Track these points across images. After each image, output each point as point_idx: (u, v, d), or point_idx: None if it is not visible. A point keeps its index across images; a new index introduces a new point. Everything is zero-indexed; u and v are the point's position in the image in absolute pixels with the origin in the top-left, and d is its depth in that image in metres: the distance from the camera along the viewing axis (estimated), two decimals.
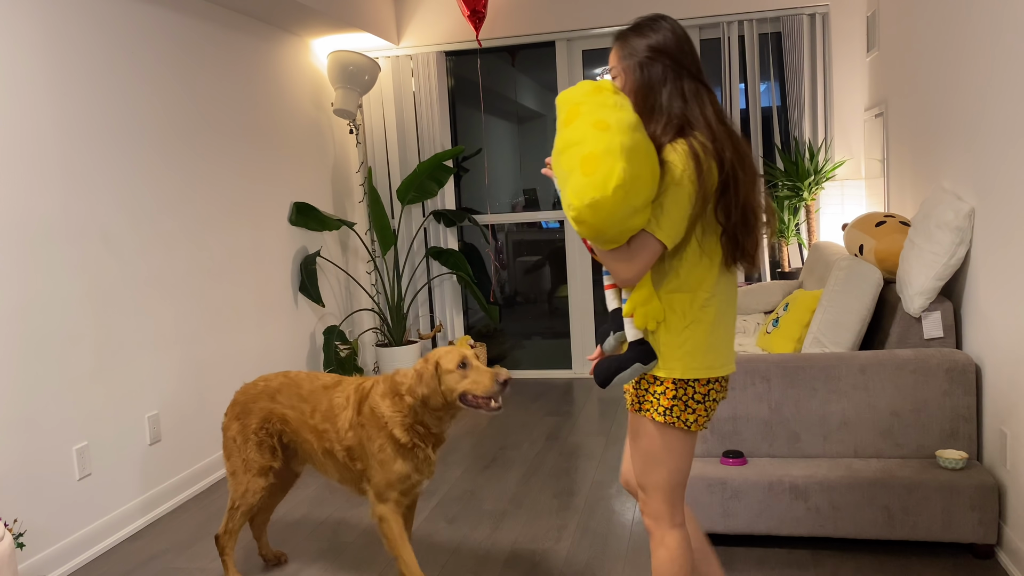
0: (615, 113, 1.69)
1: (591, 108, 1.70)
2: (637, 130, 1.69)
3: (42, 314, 2.99)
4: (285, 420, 2.62)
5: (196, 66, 3.97)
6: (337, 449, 2.52)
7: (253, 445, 2.64)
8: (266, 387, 2.68)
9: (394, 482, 2.44)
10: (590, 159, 1.63)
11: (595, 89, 1.76)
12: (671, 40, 1.83)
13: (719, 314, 1.85)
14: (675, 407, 1.85)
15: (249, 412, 2.66)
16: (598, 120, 1.67)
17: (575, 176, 1.65)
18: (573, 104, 1.74)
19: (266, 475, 2.66)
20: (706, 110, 1.81)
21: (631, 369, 1.84)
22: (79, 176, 3.20)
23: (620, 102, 1.73)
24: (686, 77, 1.83)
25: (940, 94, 3.24)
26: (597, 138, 1.64)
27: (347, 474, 2.56)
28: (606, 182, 1.60)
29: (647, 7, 5.15)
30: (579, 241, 5.60)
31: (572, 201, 1.65)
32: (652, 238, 1.74)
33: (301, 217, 4.87)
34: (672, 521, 1.93)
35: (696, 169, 1.72)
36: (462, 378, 2.34)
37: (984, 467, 2.75)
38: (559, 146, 1.73)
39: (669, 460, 1.89)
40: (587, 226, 1.66)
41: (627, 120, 1.68)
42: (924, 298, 2.86)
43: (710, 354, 1.84)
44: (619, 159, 1.61)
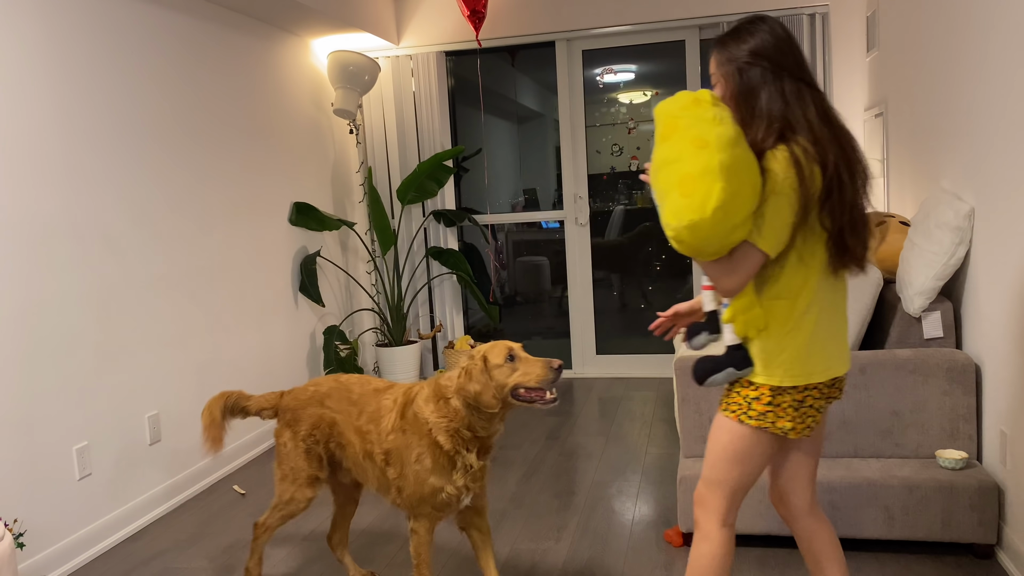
0: (714, 128, 1.66)
1: (689, 123, 1.68)
2: (737, 145, 1.66)
3: (43, 314, 2.99)
4: (333, 423, 2.52)
5: (196, 66, 3.97)
6: (376, 452, 2.40)
7: (302, 453, 2.54)
8: (316, 392, 2.58)
9: (426, 496, 2.30)
10: (688, 180, 1.62)
11: (694, 102, 1.72)
12: (769, 42, 1.78)
13: (819, 321, 1.82)
14: (769, 413, 1.83)
15: (299, 419, 2.56)
16: (696, 136, 1.65)
17: (673, 196, 1.65)
18: (671, 117, 1.72)
19: (313, 486, 2.55)
20: (808, 112, 1.76)
21: (724, 373, 1.84)
22: (80, 176, 3.20)
23: (719, 115, 1.69)
24: (787, 78, 1.77)
25: (940, 94, 3.24)
26: (695, 157, 1.63)
27: (383, 481, 2.43)
28: (704, 204, 1.60)
29: (647, 7, 5.15)
30: (578, 240, 5.60)
31: (670, 221, 1.66)
32: (755, 248, 1.72)
33: (301, 217, 4.87)
34: (725, 520, 1.92)
35: (798, 176, 1.69)
36: (512, 371, 2.22)
37: (984, 467, 2.75)
38: (657, 162, 1.72)
39: (747, 462, 1.89)
40: (686, 245, 1.67)
41: (726, 135, 1.65)
42: (924, 298, 2.86)
43: (809, 361, 1.82)
44: (717, 179, 1.60)
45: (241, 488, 3.83)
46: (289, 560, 3.03)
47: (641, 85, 5.52)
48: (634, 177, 5.60)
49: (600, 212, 5.66)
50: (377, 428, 2.40)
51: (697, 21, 5.12)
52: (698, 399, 2.94)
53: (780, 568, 2.71)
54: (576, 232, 5.61)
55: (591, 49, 5.48)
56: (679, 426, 3.00)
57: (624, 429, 4.38)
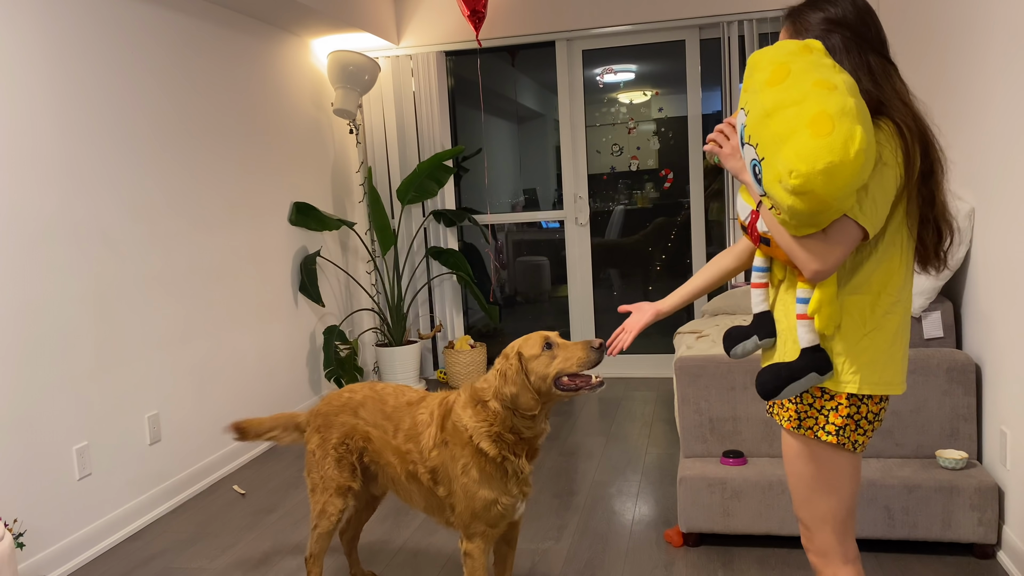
0: (838, 75, 1.46)
1: (805, 67, 1.46)
2: (862, 100, 1.46)
3: (42, 314, 2.99)
4: (368, 438, 2.39)
5: (196, 66, 3.97)
6: (421, 472, 2.25)
7: (332, 461, 2.42)
8: (350, 399, 2.45)
9: (479, 512, 2.16)
10: (822, 118, 1.38)
11: (804, 48, 1.51)
12: (851, 11, 1.60)
13: (902, 323, 1.64)
14: (847, 426, 1.63)
15: (330, 425, 2.44)
16: (820, 79, 1.43)
17: (801, 137, 1.39)
18: (779, 64, 1.49)
19: (344, 495, 2.43)
20: (900, 88, 1.60)
21: (806, 379, 1.60)
22: (79, 176, 3.20)
23: (836, 65, 1.50)
24: (871, 52, 1.60)
25: (940, 94, 3.24)
26: (826, 97, 1.40)
27: (433, 501, 2.29)
28: (847, 144, 1.36)
29: (647, 7, 5.15)
30: (579, 240, 5.60)
31: (798, 167, 1.38)
32: (853, 224, 1.50)
33: (301, 217, 4.87)
34: (845, 556, 1.70)
35: (904, 150, 1.53)
36: (551, 359, 2.06)
37: (984, 467, 2.75)
38: (766, 106, 1.46)
39: (840, 486, 1.67)
40: (813, 197, 1.40)
41: (852, 82, 1.46)
42: (924, 298, 2.86)
43: (889, 368, 1.62)
44: (857, 121, 1.38)
45: (241, 488, 3.83)
46: (295, 554, 3.03)
47: (641, 85, 5.52)
48: (634, 177, 5.59)
49: (600, 212, 5.66)
50: (418, 447, 2.26)
51: (697, 21, 5.12)
52: (698, 399, 2.94)
53: (780, 568, 2.70)
54: (576, 232, 5.61)
55: (591, 49, 5.48)
56: (679, 426, 3.00)
57: (624, 429, 4.38)
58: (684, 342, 4.04)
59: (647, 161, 5.54)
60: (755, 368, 2.88)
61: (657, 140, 5.51)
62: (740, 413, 2.91)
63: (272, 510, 3.54)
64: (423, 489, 2.29)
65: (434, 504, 2.30)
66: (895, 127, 1.54)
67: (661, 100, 5.48)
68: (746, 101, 1.55)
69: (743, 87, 1.59)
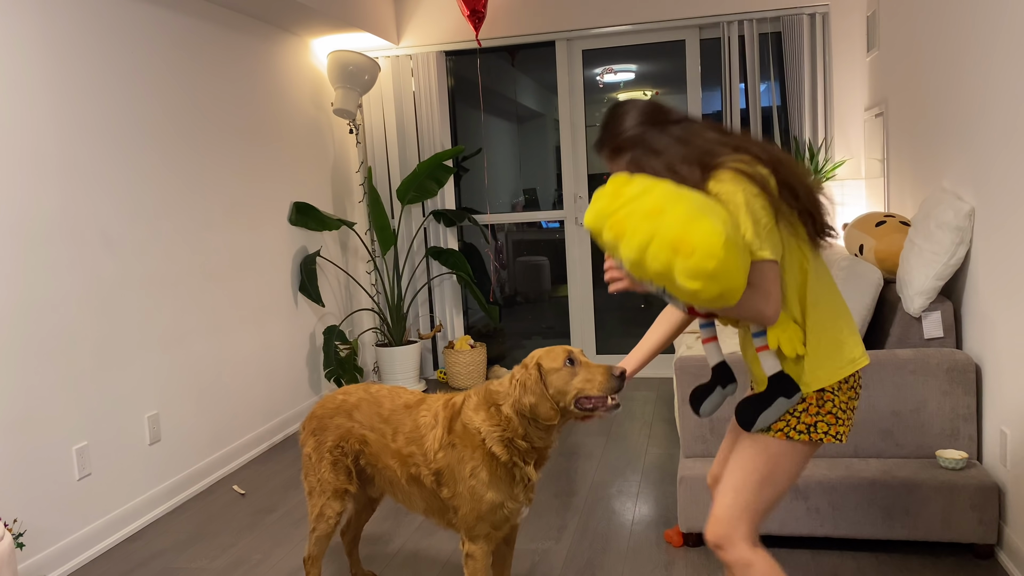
0: (652, 192, 1.62)
1: (629, 210, 1.62)
2: (682, 187, 1.63)
3: (42, 314, 2.99)
4: (364, 442, 2.36)
5: (196, 66, 3.97)
6: (425, 474, 2.23)
7: (328, 464, 2.40)
8: (344, 402, 2.43)
9: (485, 514, 2.14)
10: (680, 242, 1.54)
11: (614, 193, 1.67)
12: (634, 113, 1.81)
13: (832, 303, 1.78)
14: (819, 423, 1.75)
15: (325, 428, 2.43)
16: (648, 211, 1.59)
17: (678, 262, 1.55)
18: (608, 218, 1.65)
19: (341, 498, 2.42)
20: (708, 135, 1.78)
21: (776, 405, 1.73)
22: (79, 176, 3.20)
23: (643, 183, 1.65)
24: (670, 124, 1.80)
25: (940, 94, 3.24)
26: (665, 224, 1.56)
27: (434, 503, 2.27)
28: (712, 248, 1.52)
29: (647, 7, 5.15)
30: (578, 240, 5.60)
31: (690, 286, 1.56)
32: (763, 262, 1.66)
33: (301, 217, 4.87)
34: (754, 541, 1.82)
35: (752, 181, 1.67)
36: (572, 376, 2.03)
37: (984, 467, 2.75)
38: (632, 256, 1.61)
39: (784, 481, 1.80)
40: (719, 295, 1.57)
41: (666, 188, 1.62)
42: (924, 298, 2.86)
43: (843, 349, 1.75)
44: (700, 219, 1.54)
45: (241, 488, 3.83)
46: (295, 554, 3.03)
47: (641, 85, 5.51)
48: None
49: None
50: (421, 449, 2.23)
51: (697, 21, 5.12)
52: None
53: None
54: (576, 232, 5.61)
55: (591, 49, 5.47)
56: (679, 426, 3.00)
57: (624, 429, 4.37)
58: (684, 342, 4.04)
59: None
60: None
61: None
62: None
63: (272, 510, 3.54)
64: (425, 492, 2.26)
65: (435, 506, 2.28)
66: (731, 171, 1.68)
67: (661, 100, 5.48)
68: (612, 254, 1.70)
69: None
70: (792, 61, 5.00)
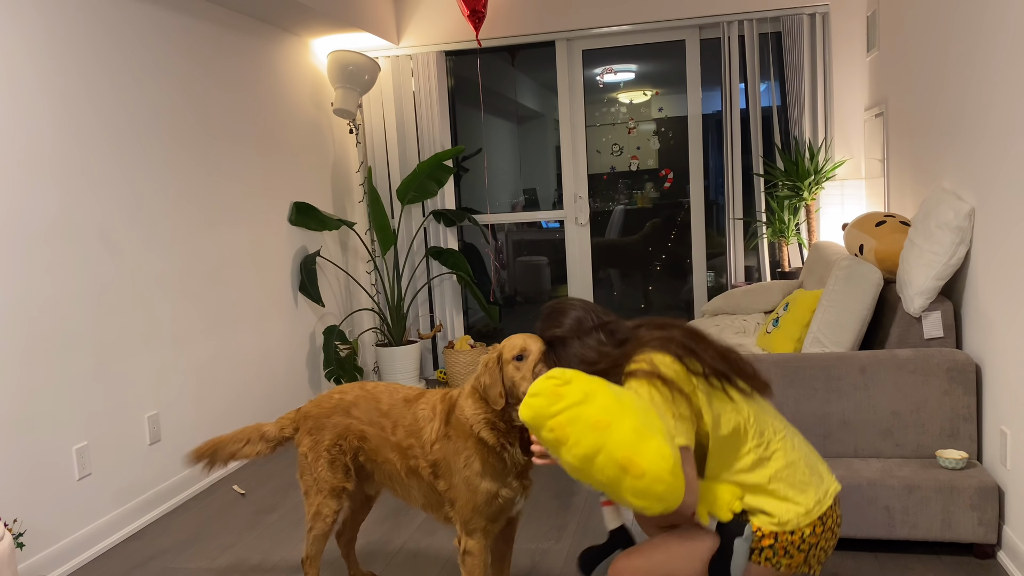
0: (594, 404, 1.67)
1: (571, 415, 1.67)
2: (621, 394, 1.71)
3: (42, 314, 2.99)
4: (363, 437, 2.36)
5: (196, 66, 3.97)
6: (423, 466, 2.24)
7: (325, 463, 2.40)
8: (341, 400, 2.43)
9: (480, 505, 2.14)
10: (629, 462, 1.60)
11: (554, 393, 1.72)
12: (568, 318, 1.95)
13: (785, 448, 1.86)
14: (768, 548, 1.85)
15: (322, 427, 2.41)
16: (593, 423, 1.65)
17: (627, 481, 1.62)
18: (548, 419, 1.70)
19: (338, 496, 2.42)
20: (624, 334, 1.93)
21: (736, 551, 1.81)
22: (79, 176, 3.20)
23: (583, 387, 1.72)
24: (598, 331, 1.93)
25: (940, 94, 3.24)
26: (612, 439, 1.62)
27: (432, 497, 2.28)
28: (660, 472, 1.59)
29: (647, 7, 5.15)
30: (578, 240, 5.60)
31: (636, 503, 1.63)
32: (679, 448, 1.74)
33: (301, 217, 4.87)
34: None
35: (658, 378, 1.77)
36: (516, 371, 2.05)
37: (984, 467, 2.75)
38: (576, 464, 1.67)
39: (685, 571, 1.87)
40: (663, 511, 1.64)
41: (608, 398, 1.68)
42: (924, 298, 2.86)
43: (808, 488, 1.85)
44: (648, 440, 1.61)
45: (241, 488, 3.83)
46: (294, 554, 3.03)
47: (641, 85, 5.52)
48: (634, 177, 5.60)
49: (600, 212, 5.66)
50: (419, 441, 2.25)
51: (697, 21, 5.12)
52: None
53: None
54: (576, 232, 5.61)
55: (591, 49, 5.48)
56: None
57: None
58: None
59: (647, 161, 5.54)
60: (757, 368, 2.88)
61: (657, 140, 5.51)
62: None
63: (272, 510, 3.54)
64: (423, 484, 2.27)
65: (433, 500, 2.29)
66: (638, 375, 1.79)
67: (661, 100, 5.48)
68: (551, 452, 1.73)
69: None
70: (792, 61, 5.00)
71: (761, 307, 4.47)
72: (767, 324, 3.65)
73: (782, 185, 4.96)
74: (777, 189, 5.01)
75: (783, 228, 4.98)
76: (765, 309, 4.47)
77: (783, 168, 5.00)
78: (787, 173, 4.91)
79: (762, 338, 3.59)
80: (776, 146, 5.10)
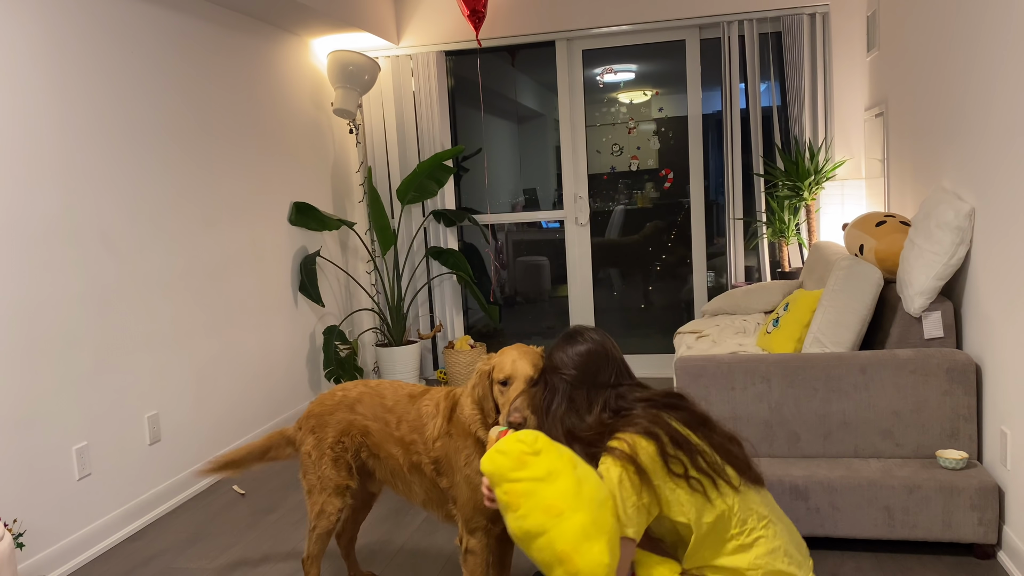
0: (553, 486, 1.68)
1: (527, 488, 1.69)
2: (587, 480, 1.69)
3: (42, 314, 2.99)
4: (366, 432, 2.37)
5: (195, 66, 3.97)
6: (425, 462, 2.25)
7: (328, 461, 2.40)
8: (344, 397, 2.44)
9: (481, 504, 2.13)
10: (567, 558, 1.63)
11: (519, 459, 1.72)
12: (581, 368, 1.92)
13: (767, 535, 1.85)
14: None
15: (325, 424, 2.42)
16: (547, 506, 1.66)
17: (559, 571, 1.65)
18: (505, 481, 1.71)
19: (342, 495, 2.42)
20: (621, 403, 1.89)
21: None
22: (78, 176, 3.20)
23: (548, 464, 1.70)
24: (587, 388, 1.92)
25: (940, 94, 3.24)
26: (559, 529, 1.64)
27: (434, 493, 2.29)
28: (595, 572, 1.62)
29: (647, 7, 5.15)
30: (578, 240, 5.60)
31: None
32: (624, 539, 1.74)
33: (301, 217, 4.87)
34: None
35: (632, 463, 1.75)
36: (500, 394, 2.07)
37: (984, 467, 2.75)
38: (518, 535, 1.70)
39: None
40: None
41: (568, 484, 1.68)
42: (924, 298, 2.86)
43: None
44: (592, 542, 1.63)
45: (241, 488, 3.83)
46: (294, 554, 3.03)
47: (641, 85, 5.51)
48: (634, 177, 5.59)
49: (600, 212, 5.66)
50: (422, 437, 2.25)
51: (697, 21, 5.12)
52: (698, 399, 2.94)
53: None
54: (576, 232, 5.61)
55: (591, 49, 5.47)
56: None
57: None
58: (684, 342, 4.04)
59: (647, 161, 5.54)
60: (756, 368, 2.89)
61: (657, 140, 5.51)
62: (740, 413, 2.91)
63: (272, 510, 3.54)
64: (425, 480, 2.28)
65: (435, 496, 2.29)
66: (615, 457, 1.76)
67: (661, 100, 5.48)
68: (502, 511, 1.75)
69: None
70: (792, 61, 5.00)
71: (761, 307, 4.47)
72: (767, 324, 3.65)
73: (782, 185, 4.96)
74: (777, 189, 5.01)
75: (783, 228, 4.98)
76: (765, 309, 4.47)
77: (783, 168, 5.00)
78: (787, 173, 4.91)
79: (762, 338, 3.59)
80: (776, 146, 5.10)
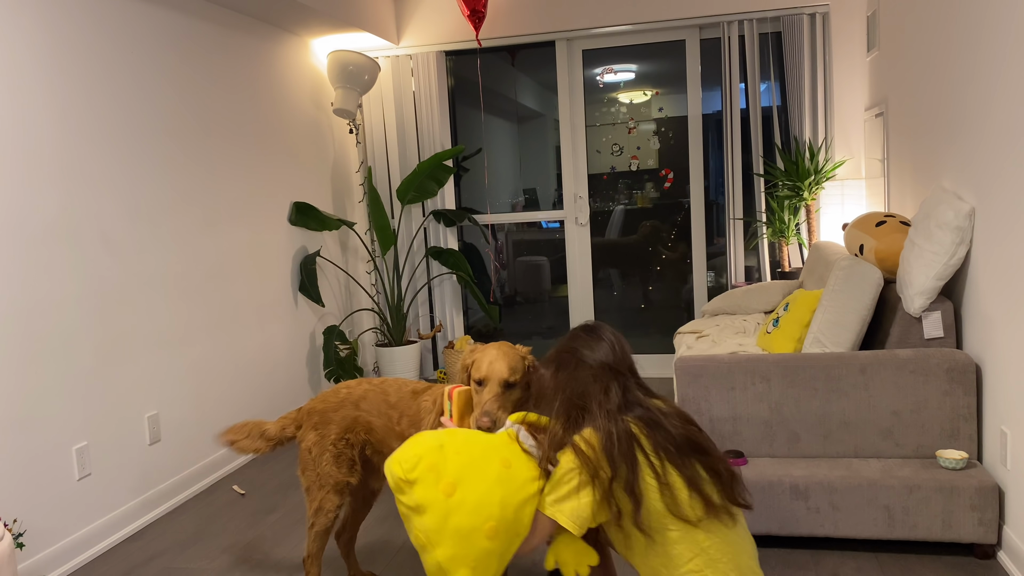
0: (421, 518, 1.76)
1: (403, 511, 1.80)
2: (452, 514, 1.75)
3: (42, 314, 2.99)
4: (370, 428, 2.40)
5: (195, 66, 3.97)
6: None
7: (330, 457, 2.41)
8: (348, 395, 2.45)
9: None
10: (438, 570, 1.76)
11: (395, 488, 1.80)
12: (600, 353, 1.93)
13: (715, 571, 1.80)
14: None
15: (328, 421, 2.43)
16: (415, 535, 1.78)
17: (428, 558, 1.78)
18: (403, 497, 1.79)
19: (341, 492, 2.43)
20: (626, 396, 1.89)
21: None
22: (78, 176, 3.20)
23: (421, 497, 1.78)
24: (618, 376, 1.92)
25: (940, 94, 3.24)
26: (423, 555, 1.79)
27: None
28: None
29: (647, 7, 5.15)
30: (578, 240, 5.60)
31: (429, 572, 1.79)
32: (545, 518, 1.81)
33: (301, 217, 4.87)
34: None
35: (589, 464, 1.78)
36: (476, 394, 2.12)
37: (984, 467, 2.75)
38: (403, 510, 1.81)
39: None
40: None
41: (432, 520, 1.75)
42: (924, 298, 2.86)
43: None
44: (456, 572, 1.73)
45: (241, 488, 3.83)
46: (294, 554, 3.03)
47: (641, 85, 5.51)
48: (634, 177, 5.59)
49: (600, 212, 5.66)
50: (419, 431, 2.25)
51: (697, 21, 5.12)
52: (698, 399, 2.94)
53: (780, 568, 2.70)
54: (576, 232, 5.61)
55: (591, 49, 5.47)
56: None
57: None
58: (684, 342, 4.04)
59: (647, 161, 5.54)
60: (756, 368, 2.89)
61: (657, 140, 5.51)
62: (740, 413, 2.91)
63: (272, 510, 3.54)
64: None
65: None
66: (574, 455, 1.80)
67: (661, 100, 5.48)
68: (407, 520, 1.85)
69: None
70: (792, 61, 5.00)
71: (761, 307, 4.47)
72: (767, 324, 3.65)
73: (782, 185, 4.96)
74: (777, 189, 5.01)
75: (783, 228, 4.98)
76: (765, 309, 4.47)
77: (783, 168, 5.00)
78: (787, 173, 4.91)
79: (762, 338, 3.59)
80: (776, 146, 5.10)
